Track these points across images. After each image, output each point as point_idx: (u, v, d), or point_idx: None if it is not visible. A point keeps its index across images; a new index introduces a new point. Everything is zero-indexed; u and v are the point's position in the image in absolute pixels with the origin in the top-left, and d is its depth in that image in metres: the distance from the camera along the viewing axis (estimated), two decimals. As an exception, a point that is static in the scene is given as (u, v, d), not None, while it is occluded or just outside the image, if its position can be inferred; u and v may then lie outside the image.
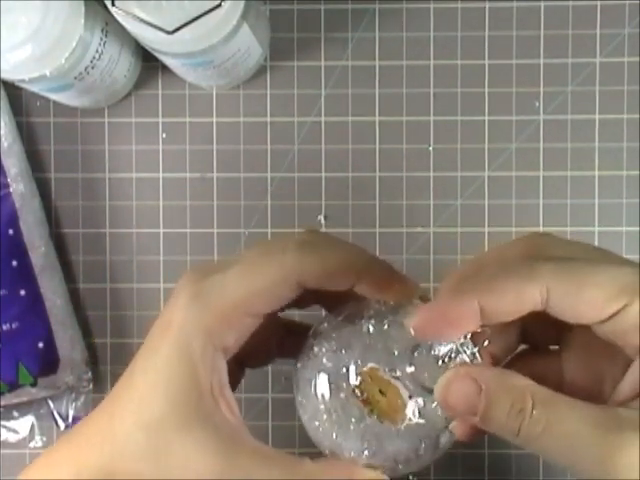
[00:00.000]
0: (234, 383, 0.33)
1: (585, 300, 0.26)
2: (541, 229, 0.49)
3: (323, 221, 0.49)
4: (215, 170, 0.50)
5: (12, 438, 0.50)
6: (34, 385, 0.47)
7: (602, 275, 0.26)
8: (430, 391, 0.30)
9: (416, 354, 0.30)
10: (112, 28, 0.43)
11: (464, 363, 0.30)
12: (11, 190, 0.48)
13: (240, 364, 0.35)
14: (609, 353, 0.28)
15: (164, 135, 0.50)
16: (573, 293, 0.26)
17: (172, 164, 0.50)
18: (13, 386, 0.47)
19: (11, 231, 0.47)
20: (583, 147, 0.49)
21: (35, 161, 0.50)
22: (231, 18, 0.39)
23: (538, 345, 0.32)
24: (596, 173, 0.49)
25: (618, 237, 0.49)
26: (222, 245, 0.50)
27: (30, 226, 0.48)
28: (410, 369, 0.30)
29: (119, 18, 0.39)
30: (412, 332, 0.28)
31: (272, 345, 0.36)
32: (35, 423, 0.50)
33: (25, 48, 0.39)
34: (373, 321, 0.31)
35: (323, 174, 0.49)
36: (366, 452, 0.31)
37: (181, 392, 0.29)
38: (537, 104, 0.49)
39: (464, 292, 0.27)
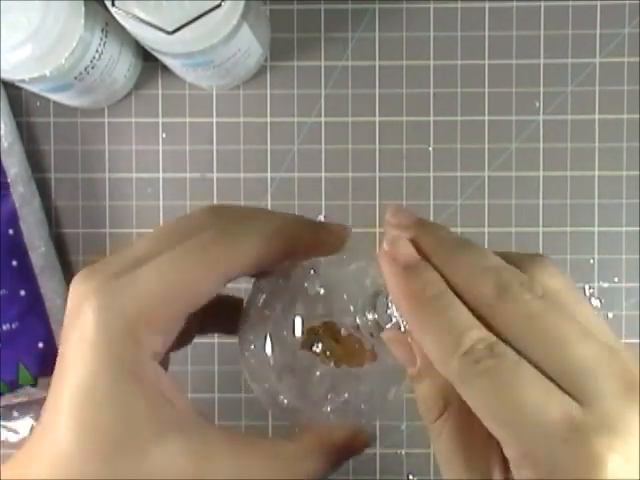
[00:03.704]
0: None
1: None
2: (541, 229, 0.49)
3: (323, 221, 0.49)
4: (215, 170, 0.50)
5: (12, 438, 0.50)
6: (34, 385, 0.47)
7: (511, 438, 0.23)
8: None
9: (377, 301, 0.29)
10: (112, 28, 0.43)
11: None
12: (11, 190, 0.48)
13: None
14: None
15: (164, 135, 0.50)
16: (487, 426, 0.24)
17: (172, 164, 0.50)
18: (13, 386, 0.47)
19: (11, 231, 0.47)
20: (583, 147, 0.49)
21: (35, 161, 0.50)
22: (231, 18, 0.39)
23: None
24: (596, 173, 0.49)
25: (618, 237, 0.49)
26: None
27: (30, 226, 0.48)
28: (372, 316, 0.29)
29: (119, 18, 0.39)
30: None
31: (205, 322, 0.33)
32: (35, 423, 0.50)
33: (25, 48, 0.39)
34: (321, 273, 0.30)
35: (323, 174, 0.49)
36: (329, 398, 0.30)
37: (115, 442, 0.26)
38: (537, 104, 0.49)
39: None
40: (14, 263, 0.47)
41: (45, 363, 0.47)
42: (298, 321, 0.30)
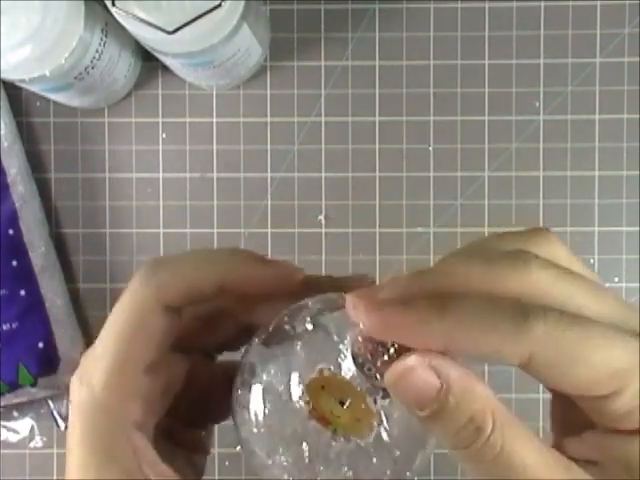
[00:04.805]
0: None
1: (570, 377, 0.23)
2: (541, 229, 0.49)
3: (323, 221, 0.49)
4: (215, 170, 0.50)
5: (12, 438, 0.50)
6: (34, 385, 0.47)
7: (596, 354, 0.23)
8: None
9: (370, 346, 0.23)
10: (112, 28, 0.43)
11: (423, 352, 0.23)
12: (11, 190, 0.48)
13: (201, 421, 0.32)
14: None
15: (164, 135, 0.50)
16: (558, 367, 0.23)
17: (172, 164, 0.50)
18: (13, 386, 0.47)
19: (11, 231, 0.47)
20: (583, 147, 0.49)
21: (35, 161, 0.50)
22: (231, 18, 0.39)
23: None
24: (596, 173, 0.49)
25: (618, 237, 0.49)
26: (222, 245, 0.50)
27: (30, 226, 0.48)
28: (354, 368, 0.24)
29: (119, 18, 0.39)
30: (351, 315, 0.23)
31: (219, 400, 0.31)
32: (35, 423, 0.50)
33: (25, 48, 0.39)
34: (302, 320, 0.26)
35: (323, 174, 0.49)
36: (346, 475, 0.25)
37: None
38: (537, 104, 0.49)
39: (430, 323, 0.23)
40: (14, 263, 0.47)
41: (45, 363, 0.47)
42: (295, 383, 0.25)
